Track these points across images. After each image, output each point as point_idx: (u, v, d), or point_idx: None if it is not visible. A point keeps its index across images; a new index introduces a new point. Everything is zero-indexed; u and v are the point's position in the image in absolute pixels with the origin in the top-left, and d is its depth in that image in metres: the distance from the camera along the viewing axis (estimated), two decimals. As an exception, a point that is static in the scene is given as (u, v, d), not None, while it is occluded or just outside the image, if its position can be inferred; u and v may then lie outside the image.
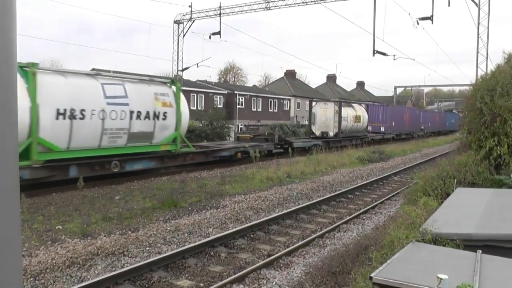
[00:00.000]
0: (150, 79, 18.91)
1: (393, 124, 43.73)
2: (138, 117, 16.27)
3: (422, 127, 52.92)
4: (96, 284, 6.53)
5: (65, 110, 13.86)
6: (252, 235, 9.81)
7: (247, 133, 29.57)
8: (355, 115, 35.99)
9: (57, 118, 13.70)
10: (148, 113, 16.72)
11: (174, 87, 18.62)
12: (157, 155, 18.04)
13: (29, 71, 13.17)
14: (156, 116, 17.08)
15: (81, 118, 14.31)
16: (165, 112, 17.55)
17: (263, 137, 26.90)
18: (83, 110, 14.35)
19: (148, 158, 17.59)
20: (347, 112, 34.54)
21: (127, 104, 15.85)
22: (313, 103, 34.27)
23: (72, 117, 14.06)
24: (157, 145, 17.69)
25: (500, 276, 4.81)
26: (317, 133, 33.26)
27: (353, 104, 38.28)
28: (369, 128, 39.82)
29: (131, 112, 15.99)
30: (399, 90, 70.83)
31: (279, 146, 26.66)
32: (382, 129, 42.03)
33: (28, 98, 12.87)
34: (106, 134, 15.19)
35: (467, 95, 16.60)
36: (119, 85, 15.94)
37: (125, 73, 23.79)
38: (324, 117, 33.15)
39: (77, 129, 14.23)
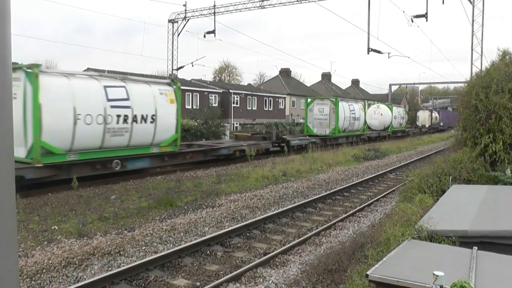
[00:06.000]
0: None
1: (447, 121, 68.78)
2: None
3: (458, 123, 75.27)
4: (92, 284, 6.52)
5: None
6: (248, 234, 9.81)
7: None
8: (435, 116, 66.56)
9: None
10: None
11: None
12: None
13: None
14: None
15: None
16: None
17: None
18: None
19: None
20: (432, 114, 64.37)
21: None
22: (418, 111, 66.28)
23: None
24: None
25: (496, 273, 4.83)
26: (420, 125, 60.69)
27: (433, 110, 67.66)
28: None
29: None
30: (394, 88, 71.10)
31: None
32: (441, 124, 67.99)
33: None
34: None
35: (462, 92, 16.65)
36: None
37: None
38: (423, 117, 63.22)
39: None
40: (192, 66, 36.40)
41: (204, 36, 34.13)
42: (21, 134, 13.50)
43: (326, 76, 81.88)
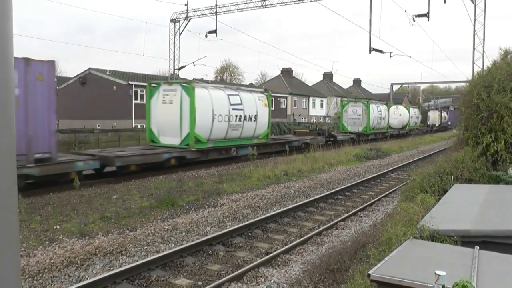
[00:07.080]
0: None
1: (454, 120, 70.29)
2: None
3: (459, 122, 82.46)
4: (94, 283, 6.53)
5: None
6: (250, 233, 9.82)
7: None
8: (444, 115, 72.97)
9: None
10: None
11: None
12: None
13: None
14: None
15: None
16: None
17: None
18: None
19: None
20: (442, 114, 71.09)
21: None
22: (428, 111, 71.18)
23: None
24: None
25: (497, 272, 4.82)
26: (430, 124, 66.75)
27: (442, 111, 74.35)
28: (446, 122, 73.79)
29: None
30: (395, 87, 71.62)
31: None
32: (449, 123, 70.92)
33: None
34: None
35: (464, 91, 16.62)
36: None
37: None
38: (433, 117, 69.83)
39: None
40: (194, 65, 36.50)
41: (206, 36, 34.15)
42: (177, 128, 19.88)
43: (328, 76, 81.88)
